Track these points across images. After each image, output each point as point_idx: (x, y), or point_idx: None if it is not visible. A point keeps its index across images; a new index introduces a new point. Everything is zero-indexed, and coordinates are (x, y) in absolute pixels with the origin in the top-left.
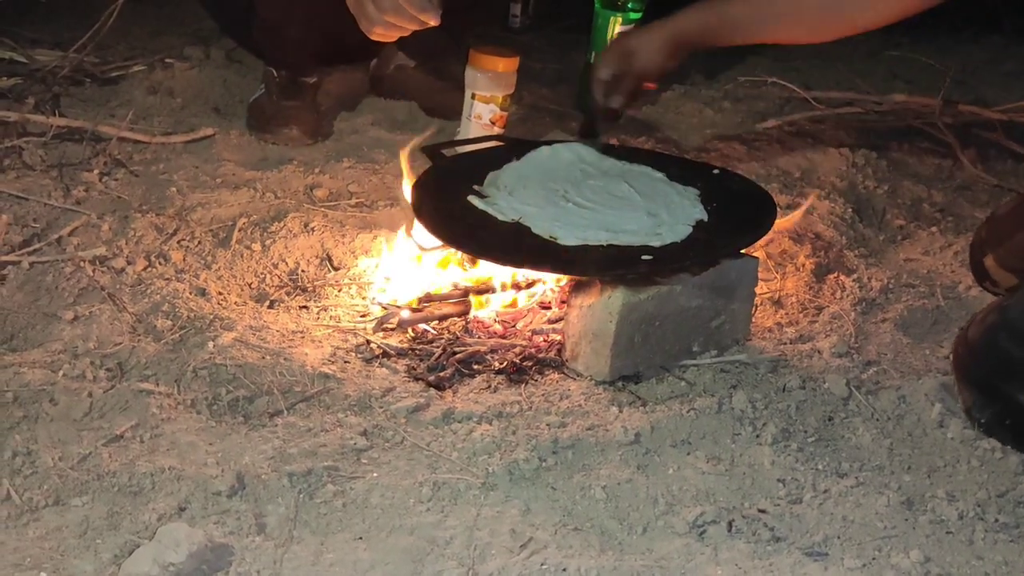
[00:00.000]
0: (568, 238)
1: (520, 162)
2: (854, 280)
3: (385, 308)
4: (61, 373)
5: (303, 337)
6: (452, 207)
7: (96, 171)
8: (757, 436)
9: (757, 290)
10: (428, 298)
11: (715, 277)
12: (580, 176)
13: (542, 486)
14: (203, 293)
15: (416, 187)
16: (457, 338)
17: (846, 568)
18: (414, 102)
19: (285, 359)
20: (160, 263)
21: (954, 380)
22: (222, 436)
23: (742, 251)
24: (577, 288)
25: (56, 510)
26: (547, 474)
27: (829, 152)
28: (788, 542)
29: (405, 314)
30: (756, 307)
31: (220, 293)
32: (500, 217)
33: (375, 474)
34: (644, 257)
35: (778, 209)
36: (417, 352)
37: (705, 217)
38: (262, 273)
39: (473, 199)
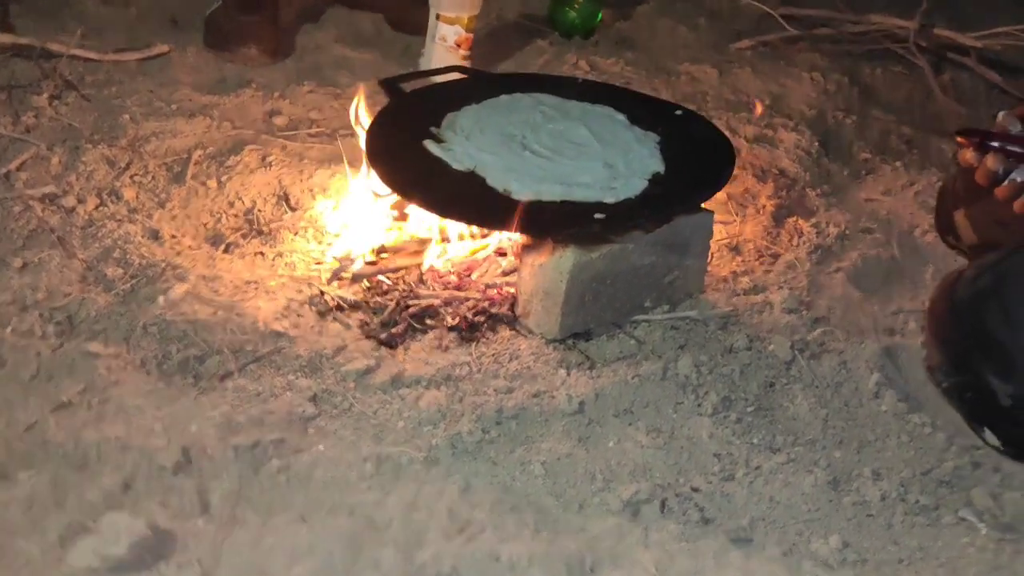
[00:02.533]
0: (522, 191)
1: (479, 105)
2: (812, 225)
3: (339, 260)
4: (9, 329)
5: (257, 288)
6: (406, 153)
7: (46, 95)
8: (699, 405)
9: (716, 235)
10: (383, 249)
11: (669, 234)
12: (540, 120)
13: (483, 460)
14: (156, 236)
15: (371, 129)
16: (411, 290)
17: (767, 556)
18: (379, 14)
19: (238, 314)
20: (112, 201)
21: (924, 330)
22: (171, 400)
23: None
24: (529, 245)
25: (2, 485)
26: (489, 447)
27: (802, 77)
28: (716, 524)
29: (359, 265)
30: (713, 255)
31: (174, 236)
32: (455, 165)
33: (320, 447)
34: (597, 215)
35: (736, 155)
36: (371, 305)
37: (662, 169)
38: (217, 212)
39: (429, 144)
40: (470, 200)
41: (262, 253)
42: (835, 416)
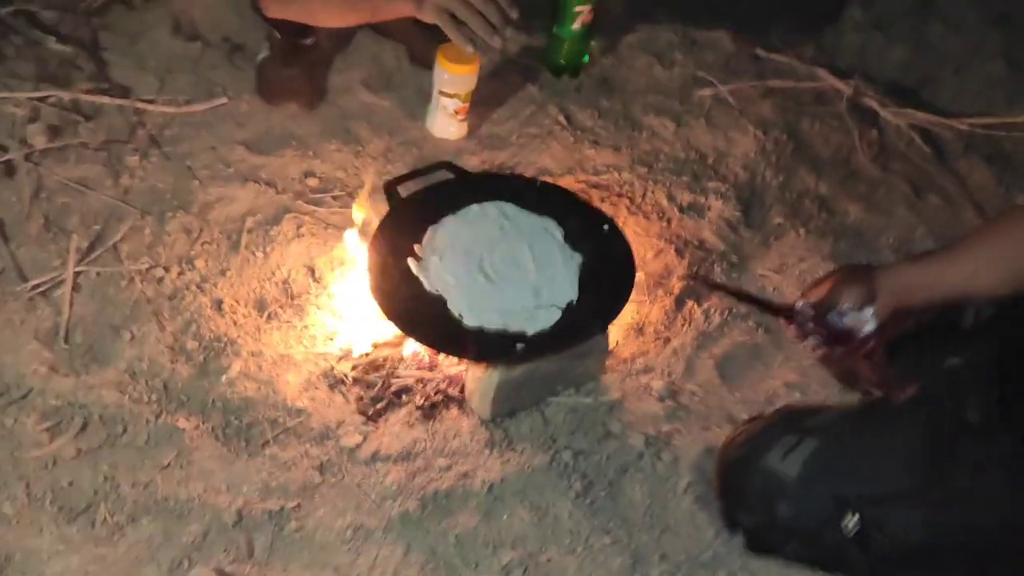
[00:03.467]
0: (470, 319)
1: (455, 217)
2: (703, 311)
3: (343, 349)
4: (127, 397)
5: (287, 362)
6: (393, 272)
7: (136, 155)
8: (569, 488)
9: (628, 316)
10: (375, 345)
11: (573, 350)
12: (498, 235)
13: (421, 530)
14: (220, 307)
15: (372, 243)
16: (393, 371)
17: None
18: (400, 46)
19: (274, 390)
20: (188, 269)
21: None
22: (230, 463)
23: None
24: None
25: (132, 527)
26: (427, 520)
27: (747, 131)
28: None
29: (359, 350)
30: (617, 342)
31: (232, 305)
32: (427, 287)
33: (321, 512)
34: (518, 345)
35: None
36: (365, 382)
37: (575, 297)
38: (263, 281)
39: (411, 263)
40: (433, 325)
41: (291, 324)
42: (656, 505)
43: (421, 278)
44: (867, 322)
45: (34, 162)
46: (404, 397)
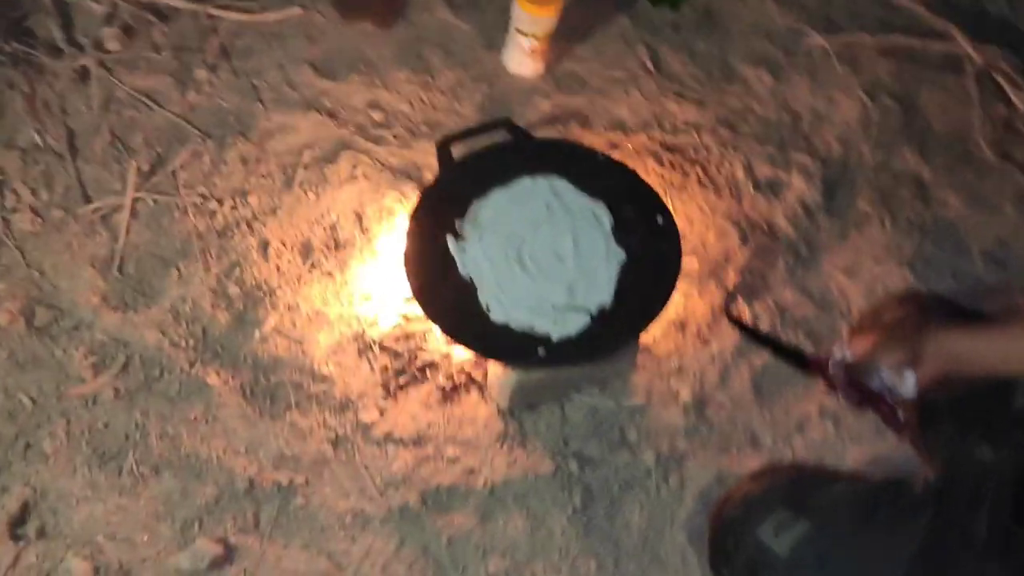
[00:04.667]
0: (497, 313)
1: (505, 190)
2: (751, 314)
3: (376, 313)
4: (167, 341)
5: (321, 321)
6: (432, 247)
7: (205, 69)
8: (568, 501)
9: (672, 309)
10: (406, 317)
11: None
12: (544, 217)
13: (417, 525)
14: (265, 249)
15: (414, 213)
16: (421, 344)
17: None
18: None
19: (303, 351)
20: (241, 204)
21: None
22: (252, 424)
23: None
24: None
25: (156, 480)
26: (425, 516)
27: (853, 95)
28: None
29: (392, 319)
30: (655, 338)
31: (278, 249)
32: (461, 270)
33: (327, 490)
34: (540, 351)
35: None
36: (393, 351)
37: (608, 301)
38: (312, 223)
39: (450, 241)
40: (457, 313)
41: (332, 276)
42: (652, 532)
43: (457, 259)
44: (905, 387)
45: (107, 67)
46: (428, 373)
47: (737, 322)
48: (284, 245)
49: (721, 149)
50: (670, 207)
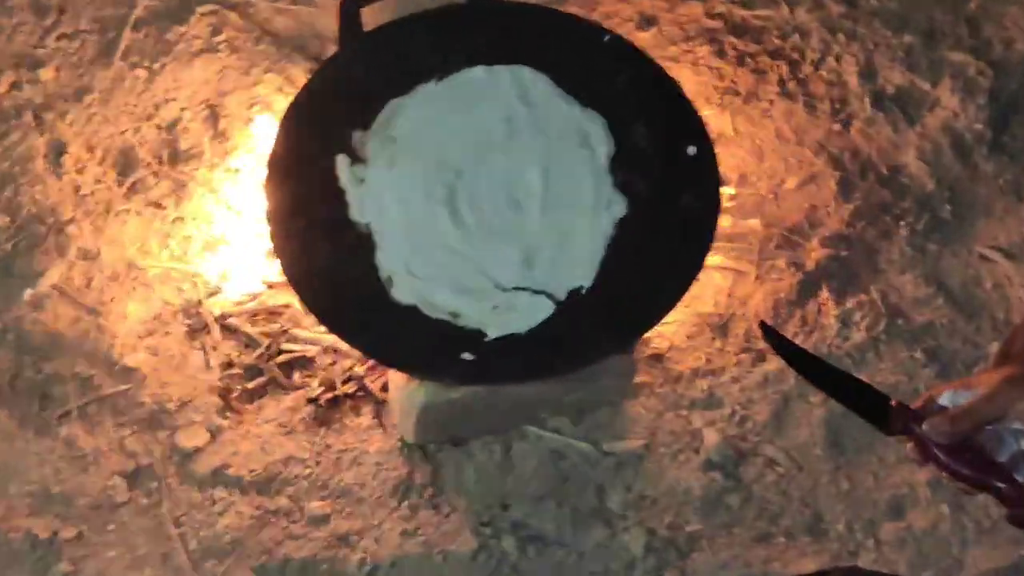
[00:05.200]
0: (403, 288)
1: (439, 87)
2: (839, 313)
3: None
4: None
5: (135, 280)
6: (311, 172)
7: None
8: None
9: (710, 298)
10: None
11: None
12: (498, 134)
13: None
14: (59, 157)
15: (288, 113)
16: (287, 330)
17: None
18: None
19: (99, 327)
20: (29, 81)
21: None
22: (9, 435)
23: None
24: None
25: None
26: None
27: None
28: None
29: (245, 287)
30: (671, 345)
31: (78, 157)
32: (352, 214)
33: (112, 552)
34: (464, 356)
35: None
36: (244, 337)
37: (588, 282)
38: (139, 119)
39: (340, 163)
40: (339, 284)
41: (161, 206)
42: None
43: (348, 194)
44: None
45: None
46: (295, 377)
47: (773, 336)
48: (89, 152)
49: (827, 37)
50: (717, 129)
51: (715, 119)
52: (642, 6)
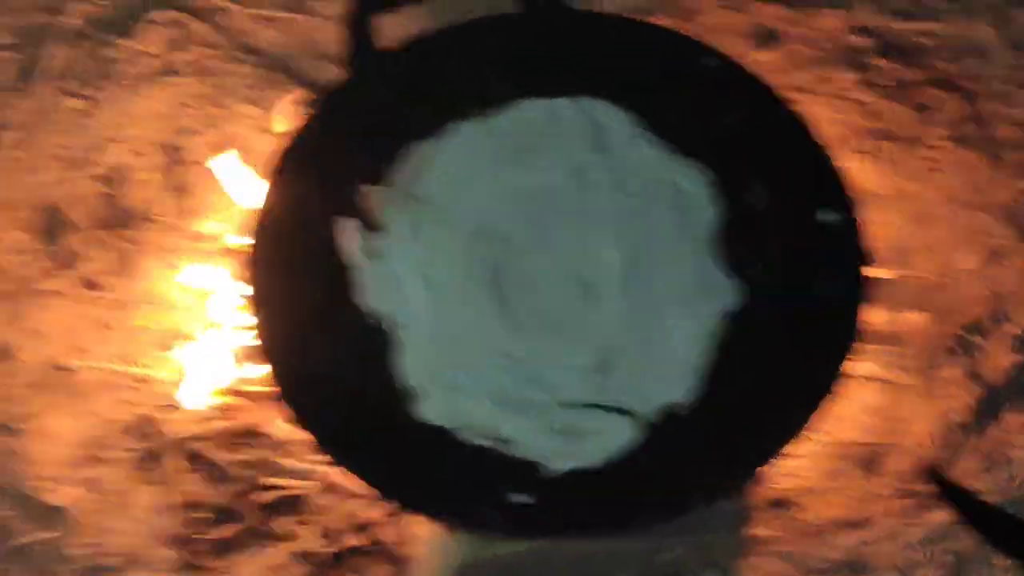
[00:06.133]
0: (432, 405)
1: (481, 127)
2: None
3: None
4: None
5: (69, 381)
6: (309, 241)
7: None
8: None
9: (867, 420)
10: (245, 394)
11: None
12: (564, 195)
13: None
14: None
15: (279, 161)
16: (269, 460)
17: None
18: None
19: (12, 453)
20: None
21: None
22: None
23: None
24: None
25: None
26: None
27: None
28: None
29: (206, 394)
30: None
31: None
32: (363, 298)
33: None
34: (515, 497)
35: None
36: (211, 466)
37: (688, 395)
38: (69, 168)
39: (349, 231)
40: (344, 401)
41: (99, 285)
42: None
43: (359, 273)
44: None
45: None
46: (282, 523)
47: (944, 482)
48: (1, 210)
49: (1017, 59)
50: (864, 187)
51: (861, 173)
52: (760, 16)
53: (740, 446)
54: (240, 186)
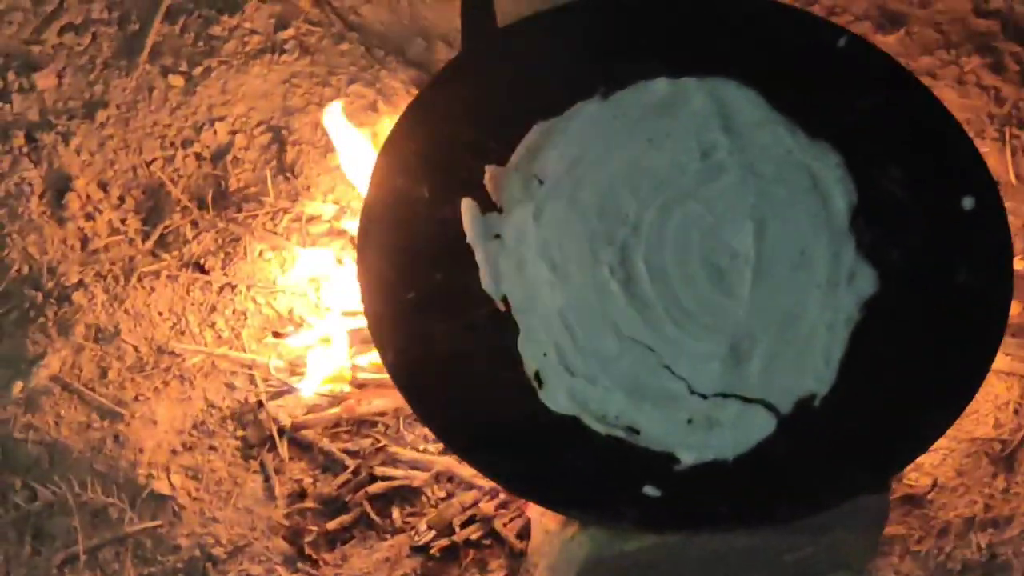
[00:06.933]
0: (556, 393)
1: (604, 106)
2: None
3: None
4: None
5: (165, 373)
6: (423, 221)
7: None
8: None
9: (1002, 416)
10: (356, 381)
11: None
12: (693, 177)
13: None
14: (62, 196)
15: (390, 140)
16: (382, 448)
17: None
18: None
19: (116, 439)
20: (22, 85)
21: None
22: None
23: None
24: None
25: None
26: None
27: None
28: None
29: (315, 386)
30: (934, 482)
31: (89, 199)
32: (482, 280)
33: None
34: (645, 490)
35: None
36: (321, 455)
37: (827, 386)
38: (170, 146)
39: (468, 211)
40: (462, 387)
41: (204, 268)
42: None
43: (478, 254)
44: None
45: None
46: (395, 514)
47: None
48: (103, 191)
49: None
50: (994, 173)
51: (991, 159)
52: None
53: (880, 441)
54: (351, 158)
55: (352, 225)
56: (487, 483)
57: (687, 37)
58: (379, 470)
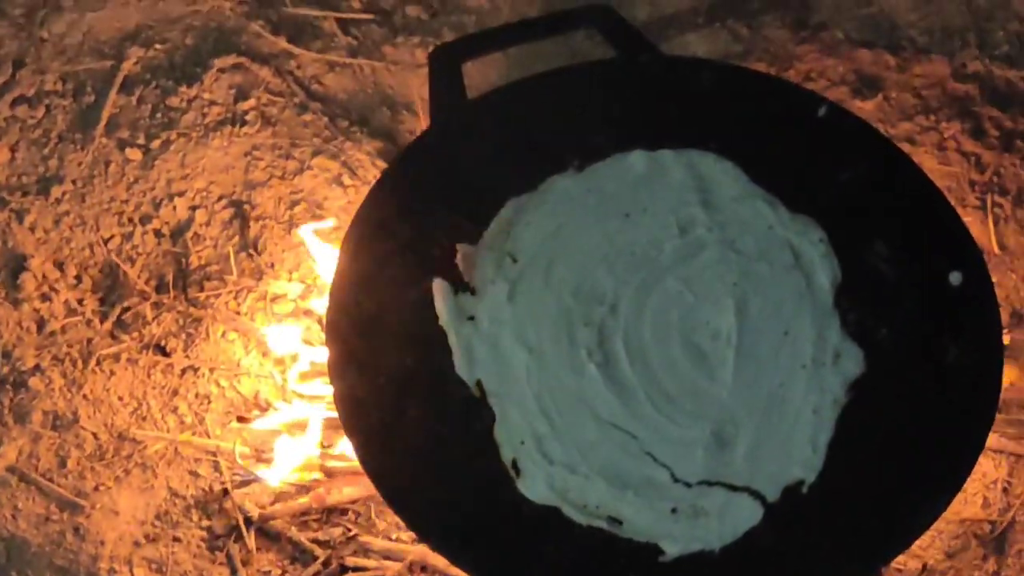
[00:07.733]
0: (534, 482)
1: (578, 180)
2: None
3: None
4: None
5: (126, 461)
6: (393, 302)
7: None
8: None
9: (991, 495)
10: (325, 468)
11: None
12: (671, 254)
13: None
14: (15, 279)
15: (358, 215)
16: (353, 537)
17: None
18: None
19: (78, 528)
20: None
21: None
22: None
23: None
24: None
25: None
26: None
27: None
28: None
29: (283, 474)
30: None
31: (44, 279)
32: (456, 364)
33: None
34: None
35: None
36: (288, 543)
37: (812, 475)
38: (129, 224)
39: (439, 292)
40: (435, 476)
41: (165, 350)
42: None
43: (450, 337)
44: None
45: None
46: None
47: None
48: (59, 270)
49: None
50: (990, 244)
51: (973, 228)
52: (859, 62)
53: (868, 531)
54: (316, 243)
55: (319, 304)
56: (462, 574)
57: (663, 107)
58: (350, 560)
